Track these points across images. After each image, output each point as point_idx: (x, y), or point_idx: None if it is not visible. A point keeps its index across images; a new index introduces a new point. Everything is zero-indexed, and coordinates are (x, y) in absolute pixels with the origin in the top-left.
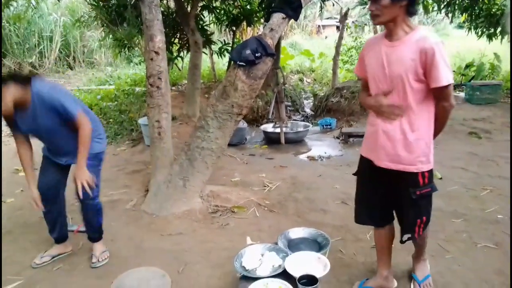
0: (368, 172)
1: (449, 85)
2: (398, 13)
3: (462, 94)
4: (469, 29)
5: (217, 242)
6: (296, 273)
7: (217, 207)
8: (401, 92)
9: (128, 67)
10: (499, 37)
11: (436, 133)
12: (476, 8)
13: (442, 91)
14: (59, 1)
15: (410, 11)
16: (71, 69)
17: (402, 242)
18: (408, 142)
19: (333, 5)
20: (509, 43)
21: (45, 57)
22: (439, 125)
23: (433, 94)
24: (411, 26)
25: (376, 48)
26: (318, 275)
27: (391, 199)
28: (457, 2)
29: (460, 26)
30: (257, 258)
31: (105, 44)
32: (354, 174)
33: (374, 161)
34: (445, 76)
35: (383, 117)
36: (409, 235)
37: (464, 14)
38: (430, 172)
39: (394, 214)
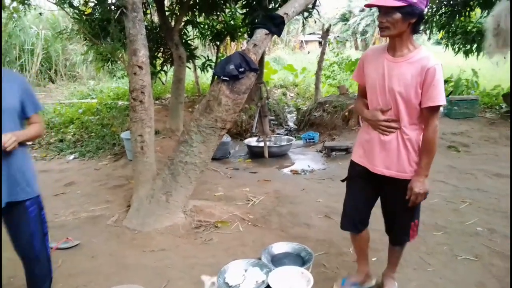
0: (359, 178)
1: (441, 105)
2: (405, 29)
3: (441, 109)
4: (447, 45)
5: (201, 258)
6: None
7: (200, 222)
8: (397, 106)
9: (111, 81)
10: (475, 54)
11: (429, 158)
12: (452, 25)
13: (434, 111)
14: (41, 15)
15: (416, 29)
16: (53, 82)
17: (397, 244)
18: (404, 151)
19: (315, 22)
20: (510, 58)
21: (26, 70)
22: (430, 148)
23: (424, 113)
24: (414, 44)
25: (378, 61)
26: None
27: (373, 204)
28: (435, 19)
29: (438, 43)
30: (241, 273)
31: (87, 58)
32: (342, 181)
33: (369, 167)
34: (442, 96)
35: (379, 131)
36: (405, 238)
37: (441, 31)
38: None
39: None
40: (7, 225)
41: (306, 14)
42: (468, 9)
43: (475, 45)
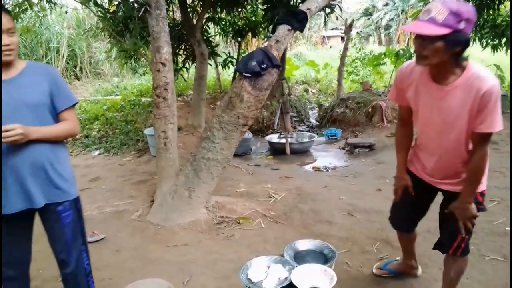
0: (416, 188)
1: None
2: (448, 59)
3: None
4: (474, 40)
5: (223, 254)
6: (302, 285)
7: (222, 218)
8: (458, 133)
9: (134, 78)
10: (504, 48)
11: (474, 185)
12: (480, 19)
13: (486, 137)
14: (66, 13)
15: (459, 58)
16: (78, 79)
17: (436, 247)
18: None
19: (337, 19)
20: (510, 57)
21: None
22: (476, 175)
23: (475, 138)
24: (461, 66)
25: (422, 90)
26: None
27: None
28: None
29: None
30: (263, 270)
31: (111, 55)
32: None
33: (431, 183)
34: (498, 122)
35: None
36: (445, 245)
37: None
38: (484, 193)
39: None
40: (44, 226)
41: (328, 10)
42: (497, 2)
43: (504, 40)
